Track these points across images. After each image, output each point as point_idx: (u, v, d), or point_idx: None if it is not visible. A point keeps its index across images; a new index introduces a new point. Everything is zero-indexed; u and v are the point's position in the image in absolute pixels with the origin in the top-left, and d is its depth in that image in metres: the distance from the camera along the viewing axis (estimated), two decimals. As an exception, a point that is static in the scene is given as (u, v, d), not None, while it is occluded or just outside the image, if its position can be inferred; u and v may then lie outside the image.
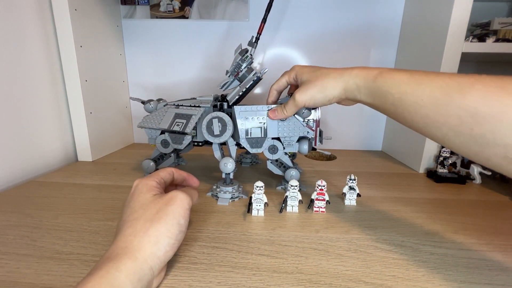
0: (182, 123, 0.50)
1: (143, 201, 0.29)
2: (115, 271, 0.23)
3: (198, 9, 0.81)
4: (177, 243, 0.28)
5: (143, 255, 0.26)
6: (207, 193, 0.51)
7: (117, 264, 0.24)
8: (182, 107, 0.52)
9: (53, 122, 0.65)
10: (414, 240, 0.37)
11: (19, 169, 0.57)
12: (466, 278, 0.30)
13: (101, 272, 0.23)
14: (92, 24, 0.70)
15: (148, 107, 0.56)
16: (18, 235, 0.37)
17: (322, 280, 0.30)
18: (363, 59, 0.82)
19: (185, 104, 0.52)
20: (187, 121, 0.49)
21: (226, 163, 0.47)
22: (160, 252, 0.27)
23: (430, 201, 0.50)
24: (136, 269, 0.25)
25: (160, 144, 0.54)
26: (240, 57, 0.50)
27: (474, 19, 0.62)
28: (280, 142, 0.49)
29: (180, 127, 0.49)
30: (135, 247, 0.26)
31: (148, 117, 0.54)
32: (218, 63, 0.85)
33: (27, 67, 0.58)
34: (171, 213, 0.28)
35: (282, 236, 0.38)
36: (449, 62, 0.59)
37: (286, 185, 0.49)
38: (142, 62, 0.86)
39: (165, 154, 0.57)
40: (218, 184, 0.50)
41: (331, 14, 0.80)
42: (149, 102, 0.56)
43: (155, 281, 0.27)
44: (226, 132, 0.48)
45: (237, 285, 0.29)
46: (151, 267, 0.26)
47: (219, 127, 0.48)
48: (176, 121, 0.50)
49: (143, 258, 0.25)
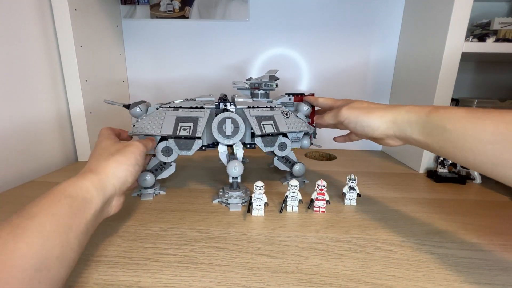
0: (189, 127, 0.46)
1: (104, 145, 0.37)
2: (82, 179, 0.30)
3: (198, 9, 0.81)
4: (134, 173, 0.36)
5: (106, 173, 0.32)
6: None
7: (83, 176, 0.31)
8: (182, 110, 0.47)
9: (53, 122, 0.65)
10: (414, 240, 0.37)
11: (19, 169, 0.57)
12: (466, 278, 0.30)
13: (71, 180, 0.29)
14: (92, 24, 0.70)
15: (136, 111, 0.47)
16: (18, 235, 0.37)
17: (322, 280, 0.30)
18: (363, 58, 0.82)
19: (184, 106, 0.48)
20: (195, 124, 0.46)
21: (235, 167, 0.45)
22: (120, 174, 0.34)
23: (430, 201, 0.50)
24: (100, 180, 0.31)
25: (161, 153, 0.48)
26: (267, 80, 0.53)
27: (474, 19, 0.62)
28: (288, 139, 0.51)
29: (188, 131, 0.45)
30: (99, 168, 0.33)
31: (142, 123, 0.46)
32: (218, 63, 0.85)
33: (27, 67, 0.58)
34: (128, 151, 0.36)
35: (282, 236, 0.38)
36: (449, 62, 0.59)
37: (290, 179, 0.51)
38: (142, 62, 0.86)
39: (164, 163, 0.50)
40: (225, 190, 0.47)
41: (331, 13, 0.80)
42: (136, 106, 0.47)
43: (115, 203, 0.34)
44: (238, 133, 0.47)
45: (237, 285, 0.29)
46: (113, 184, 0.33)
47: (231, 128, 0.47)
48: (181, 125, 0.46)
49: (105, 175, 0.32)
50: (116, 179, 0.33)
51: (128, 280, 0.29)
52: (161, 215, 0.43)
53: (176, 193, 0.51)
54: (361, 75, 0.83)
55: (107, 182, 0.32)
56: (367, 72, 0.83)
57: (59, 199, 0.26)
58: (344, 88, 0.85)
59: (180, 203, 0.47)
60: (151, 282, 0.29)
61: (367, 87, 0.84)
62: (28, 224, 0.23)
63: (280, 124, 0.49)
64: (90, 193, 0.29)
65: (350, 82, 0.84)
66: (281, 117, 0.50)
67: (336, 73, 0.84)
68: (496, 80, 0.83)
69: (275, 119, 0.49)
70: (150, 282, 0.29)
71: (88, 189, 0.29)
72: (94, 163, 0.33)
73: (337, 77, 0.84)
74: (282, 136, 0.51)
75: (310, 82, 0.85)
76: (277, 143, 0.51)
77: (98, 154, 0.35)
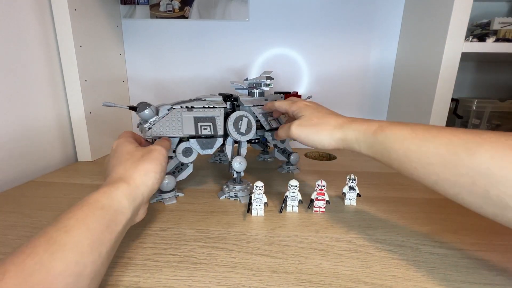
0: (208, 126, 0.47)
1: (128, 150, 0.36)
2: (114, 189, 0.29)
3: (198, 9, 0.81)
4: (160, 180, 0.35)
5: (136, 183, 0.32)
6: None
7: (115, 186, 0.30)
8: (196, 110, 0.48)
9: (53, 122, 0.65)
10: (414, 240, 0.37)
11: (19, 169, 0.57)
12: (466, 278, 0.30)
13: (102, 190, 0.29)
14: (91, 24, 0.70)
15: (146, 114, 0.44)
16: (18, 235, 0.37)
17: (322, 280, 0.29)
18: (363, 58, 0.82)
19: (197, 106, 0.48)
20: (213, 123, 0.48)
21: (241, 162, 0.48)
22: (149, 182, 0.33)
23: (430, 201, 0.50)
24: (131, 191, 0.30)
25: (182, 154, 0.48)
26: (264, 81, 0.55)
27: (474, 19, 0.62)
28: None
29: (209, 130, 0.47)
30: (128, 177, 0.32)
31: (160, 126, 0.45)
32: (217, 63, 0.85)
33: (27, 67, 0.58)
34: (153, 157, 0.35)
35: (282, 236, 0.38)
36: (449, 62, 0.59)
37: (288, 167, 0.64)
38: (142, 62, 0.86)
39: (182, 164, 0.50)
40: (230, 184, 0.50)
41: (331, 13, 0.80)
42: (145, 107, 0.44)
43: (141, 212, 0.34)
44: (250, 132, 0.50)
45: (237, 285, 0.29)
46: (142, 193, 0.32)
47: (246, 126, 0.49)
48: (201, 125, 0.47)
49: (135, 184, 0.31)
50: (145, 188, 0.33)
51: (127, 280, 0.29)
52: (161, 215, 0.43)
53: (175, 193, 0.51)
54: (361, 75, 0.83)
55: (137, 191, 0.31)
56: (367, 72, 0.83)
57: (93, 211, 0.26)
58: (344, 88, 0.85)
59: (179, 203, 0.47)
60: (151, 282, 0.29)
61: (367, 87, 0.84)
62: (64, 239, 0.23)
63: (280, 119, 0.56)
64: (122, 203, 0.29)
65: (350, 82, 0.84)
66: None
67: (336, 73, 0.84)
68: (496, 80, 0.83)
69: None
70: (150, 282, 0.29)
71: (120, 200, 0.29)
72: (122, 170, 0.33)
73: (337, 77, 0.84)
74: None
75: (309, 82, 0.85)
76: None
77: (124, 159, 0.34)
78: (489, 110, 0.71)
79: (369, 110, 0.87)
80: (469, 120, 0.73)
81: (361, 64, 0.82)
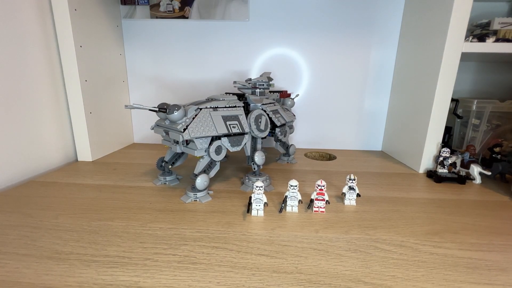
0: (236, 124, 0.50)
1: None
2: None
3: (198, 9, 0.81)
4: None
5: None
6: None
7: None
8: (220, 109, 0.50)
9: (53, 122, 0.65)
10: (414, 240, 0.37)
11: (19, 169, 0.57)
12: (466, 278, 0.30)
13: None
14: (92, 24, 0.70)
15: (175, 115, 0.45)
16: (18, 235, 0.37)
17: (322, 280, 0.30)
18: (363, 58, 0.82)
19: (220, 106, 0.50)
20: (239, 121, 0.51)
21: (263, 156, 0.53)
22: None
23: (430, 201, 0.50)
24: None
25: (214, 152, 0.49)
26: (266, 81, 0.61)
27: (474, 19, 0.62)
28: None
29: (238, 128, 0.50)
30: None
31: (195, 126, 0.46)
32: (218, 63, 0.85)
33: (27, 67, 0.58)
34: None
35: (282, 236, 0.38)
36: (449, 62, 0.59)
37: (287, 158, 0.73)
38: (142, 62, 0.86)
39: (211, 162, 0.51)
40: (250, 177, 0.54)
41: (331, 13, 0.80)
42: (174, 109, 0.45)
43: None
44: (267, 129, 0.55)
45: (237, 285, 0.29)
46: None
47: (265, 124, 0.54)
48: (229, 124, 0.49)
49: None
50: None
51: (127, 280, 0.29)
52: (161, 215, 0.43)
53: (175, 193, 0.51)
54: (361, 75, 0.83)
55: None
56: (367, 72, 0.83)
57: None
58: (344, 88, 0.85)
59: (179, 203, 0.47)
60: (151, 282, 0.29)
61: (367, 87, 0.84)
62: None
63: (283, 116, 0.61)
64: None
65: (350, 82, 0.84)
66: (282, 110, 0.62)
67: (336, 73, 0.84)
68: (496, 80, 0.83)
69: (280, 112, 0.60)
70: (150, 282, 0.29)
71: None
72: None
73: (337, 77, 0.84)
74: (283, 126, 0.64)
75: (309, 82, 0.85)
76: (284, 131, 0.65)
77: None
78: (489, 110, 0.71)
79: (369, 111, 0.87)
80: (469, 120, 0.73)
81: (361, 65, 0.82)
